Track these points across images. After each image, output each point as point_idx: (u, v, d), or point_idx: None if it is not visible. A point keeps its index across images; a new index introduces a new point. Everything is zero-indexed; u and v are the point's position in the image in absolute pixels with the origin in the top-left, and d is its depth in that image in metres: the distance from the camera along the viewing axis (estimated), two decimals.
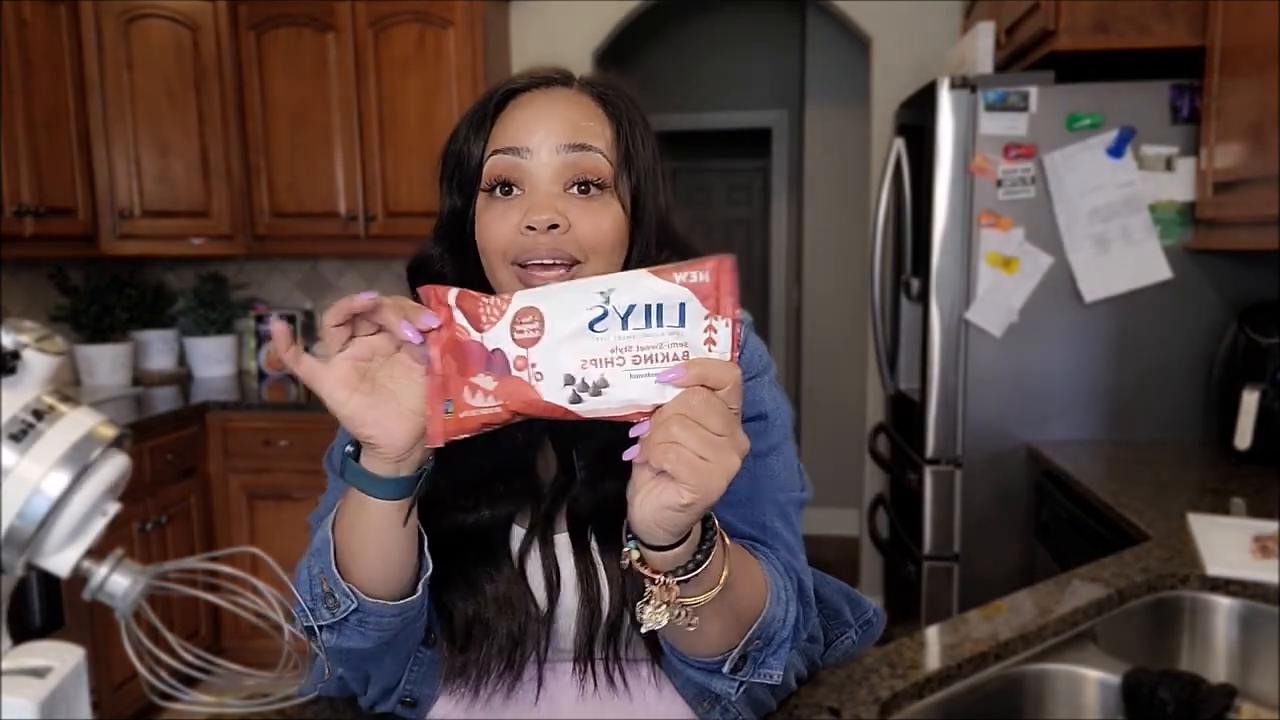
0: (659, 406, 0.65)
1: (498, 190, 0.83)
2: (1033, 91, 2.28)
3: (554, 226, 0.79)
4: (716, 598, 0.72)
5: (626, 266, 0.84)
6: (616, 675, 0.88)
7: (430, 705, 0.93)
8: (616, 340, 0.66)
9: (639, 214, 0.85)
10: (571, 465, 0.86)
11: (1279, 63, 1.80)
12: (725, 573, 0.72)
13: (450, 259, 0.89)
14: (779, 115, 4.81)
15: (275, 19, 3.17)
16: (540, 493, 0.87)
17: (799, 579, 0.87)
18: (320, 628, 0.79)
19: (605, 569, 0.85)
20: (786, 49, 4.68)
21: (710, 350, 0.66)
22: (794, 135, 4.73)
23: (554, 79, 0.87)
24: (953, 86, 2.33)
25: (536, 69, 0.89)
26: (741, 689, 0.83)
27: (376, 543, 0.76)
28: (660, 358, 0.65)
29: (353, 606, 0.78)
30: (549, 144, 0.81)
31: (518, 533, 0.88)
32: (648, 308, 0.65)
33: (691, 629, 0.74)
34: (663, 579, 0.70)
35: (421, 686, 0.92)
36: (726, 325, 0.66)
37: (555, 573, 0.86)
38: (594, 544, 0.86)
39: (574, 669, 0.88)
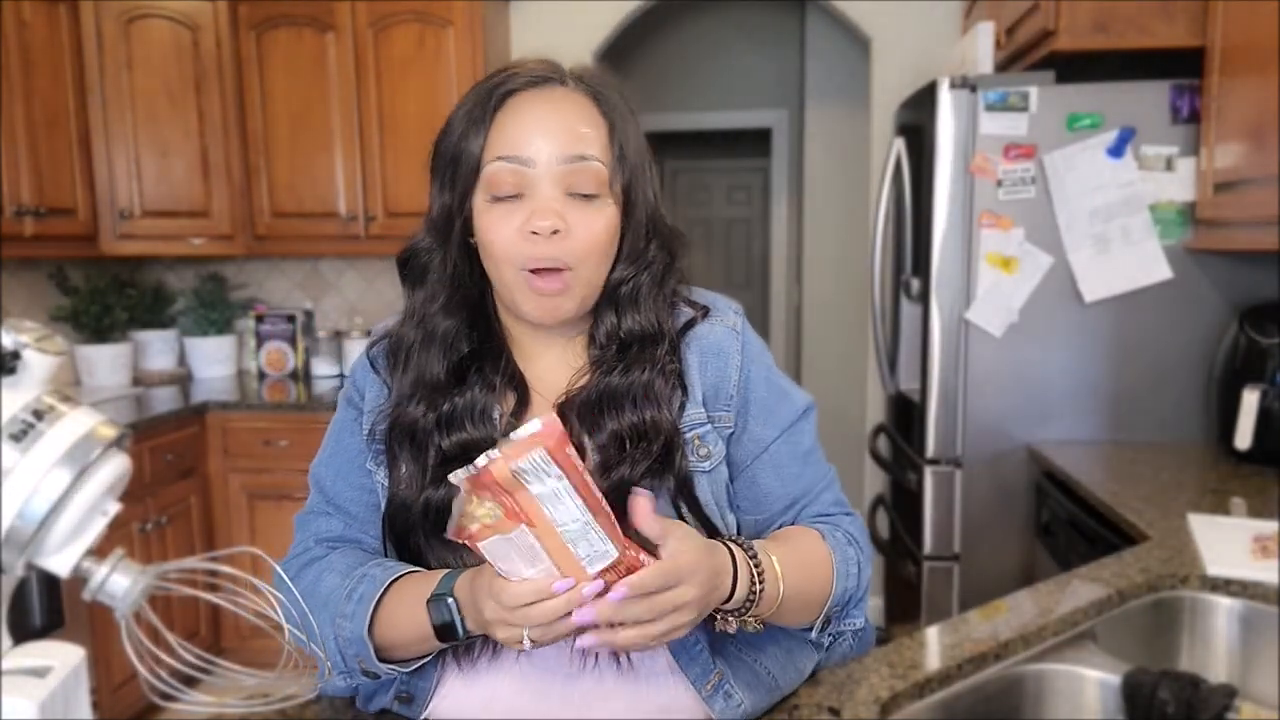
0: None
1: (500, 196, 0.86)
2: (1033, 91, 2.28)
3: (555, 231, 0.84)
4: (778, 610, 0.86)
5: (618, 260, 0.91)
6: (622, 653, 0.88)
7: (426, 700, 0.93)
8: None
9: (630, 209, 0.91)
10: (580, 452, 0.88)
11: (1279, 63, 1.80)
12: (780, 595, 0.85)
13: (439, 253, 0.93)
14: (779, 115, 4.81)
15: (275, 19, 3.17)
16: None
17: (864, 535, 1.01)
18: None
19: None
20: (786, 49, 4.67)
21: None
22: (794, 135, 4.73)
23: (550, 77, 0.89)
24: (953, 86, 2.33)
25: (529, 64, 0.90)
26: (834, 639, 0.98)
27: (430, 649, 0.88)
28: None
29: (393, 678, 0.90)
30: (551, 154, 0.85)
31: None
32: None
33: (758, 631, 0.89)
34: (722, 619, 0.85)
35: (417, 680, 0.93)
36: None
37: None
38: None
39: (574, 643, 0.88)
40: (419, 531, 0.90)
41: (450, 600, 0.82)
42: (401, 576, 0.88)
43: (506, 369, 0.93)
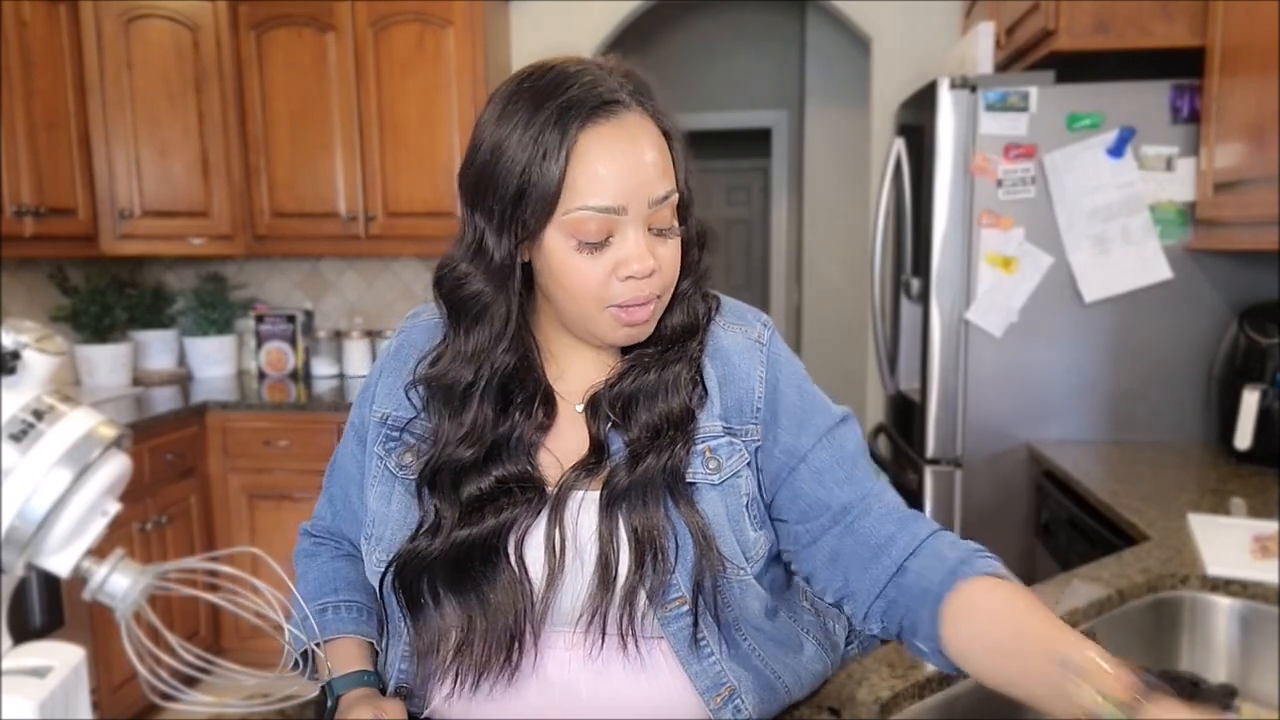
0: None
1: (587, 242, 0.84)
2: (1033, 91, 2.28)
3: (652, 273, 0.86)
4: None
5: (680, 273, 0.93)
6: (630, 643, 0.87)
7: (426, 699, 0.93)
8: None
9: (687, 221, 0.93)
10: (602, 446, 0.89)
11: (1279, 63, 1.80)
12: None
13: (500, 295, 0.87)
14: (779, 115, 4.81)
15: (275, 19, 3.17)
16: (542, 488, 0.89)
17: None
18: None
19: (628, 538, 0.86)
20: (786, 49, 4.68)
21: None
22: (794, 135, 4.73)
23: (616, 100, 0.84)
24: (953, 86, 2.33)
25: (579, 74, 0.85)
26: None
27: None
28: None
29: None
30: (641, 198, 0.84)
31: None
32: None
33: None
34: None
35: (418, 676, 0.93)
36: None
37: (560, 543, 0.87)
38: (623, 512, 0.87)
39: (576, 631, 0.88)
40: (436, 577, 0.87)
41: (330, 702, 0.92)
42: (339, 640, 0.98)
43: (541, 395, 0.92)
